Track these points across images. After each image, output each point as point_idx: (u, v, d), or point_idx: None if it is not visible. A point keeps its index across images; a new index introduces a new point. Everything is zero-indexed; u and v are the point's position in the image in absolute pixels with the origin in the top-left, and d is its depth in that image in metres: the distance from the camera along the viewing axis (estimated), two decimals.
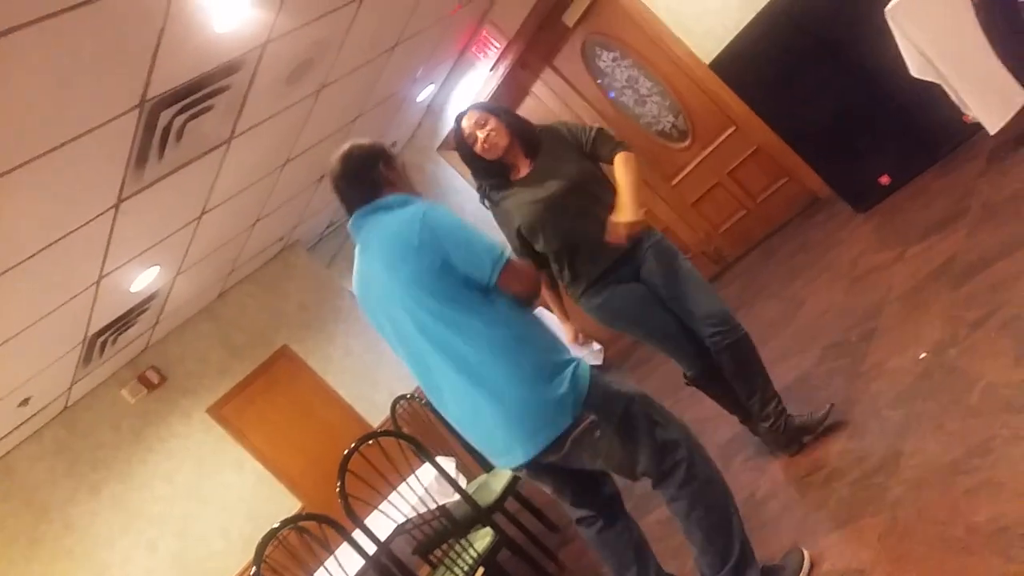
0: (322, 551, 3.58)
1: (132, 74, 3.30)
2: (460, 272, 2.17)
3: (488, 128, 2.96)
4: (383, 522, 3.81)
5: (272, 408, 7.36)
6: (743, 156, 6.01)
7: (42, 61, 2.83)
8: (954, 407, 2.40)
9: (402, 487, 3.80)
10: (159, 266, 5.41)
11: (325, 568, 3.65)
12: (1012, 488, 1.92)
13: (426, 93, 6.86)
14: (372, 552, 3.59)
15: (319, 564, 3.71)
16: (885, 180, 4.69)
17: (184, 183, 4.54)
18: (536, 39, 6.26)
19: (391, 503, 3.85)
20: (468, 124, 2.99)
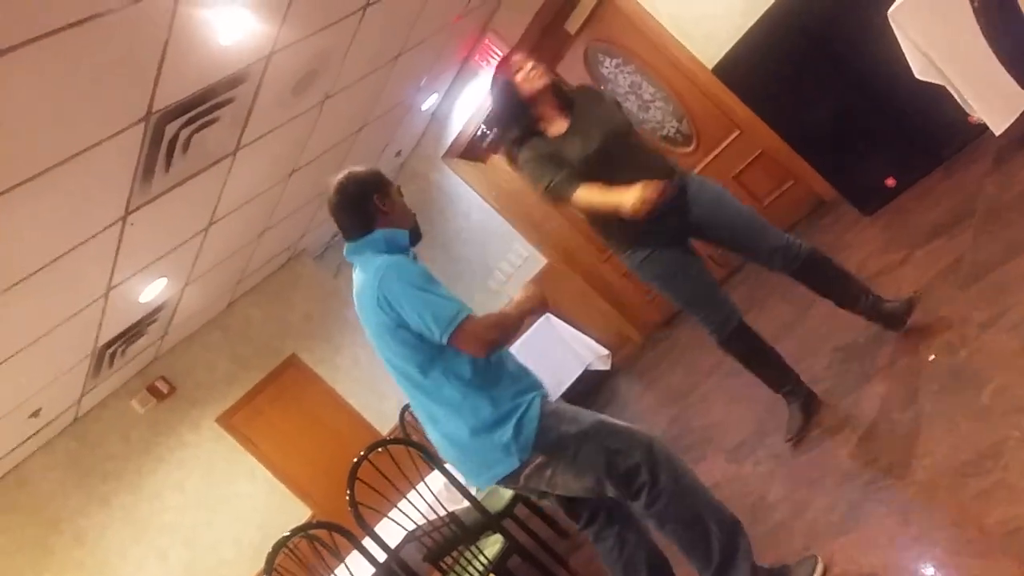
0: (333, 559, 3.59)
1: (137, 87, 3.32)
2: (414, 331, 2.32)
3: (534, 64, 3.12)
4: (393, 529, 3.82)
5: (281, 417, 7.37)
6: (748, 160, 6.00)
7: (47, 77, 2.84)
8: (964, 409, 2.40)
9: (412, 494, 3.80)
10: (167, 277, 5.43)
11: None
12: (1023, 490, 1.91)
13: (430, 102, 6.88)
14: (383, 559, 3.59)
15: (330, 572, 3.71)
16: (891, 182, 4.67)
17: (191, 195, 4.56)
18: (539, 47, 6.26)
19: (401, 510, 3.85)
20: (518, 56, 3.16)
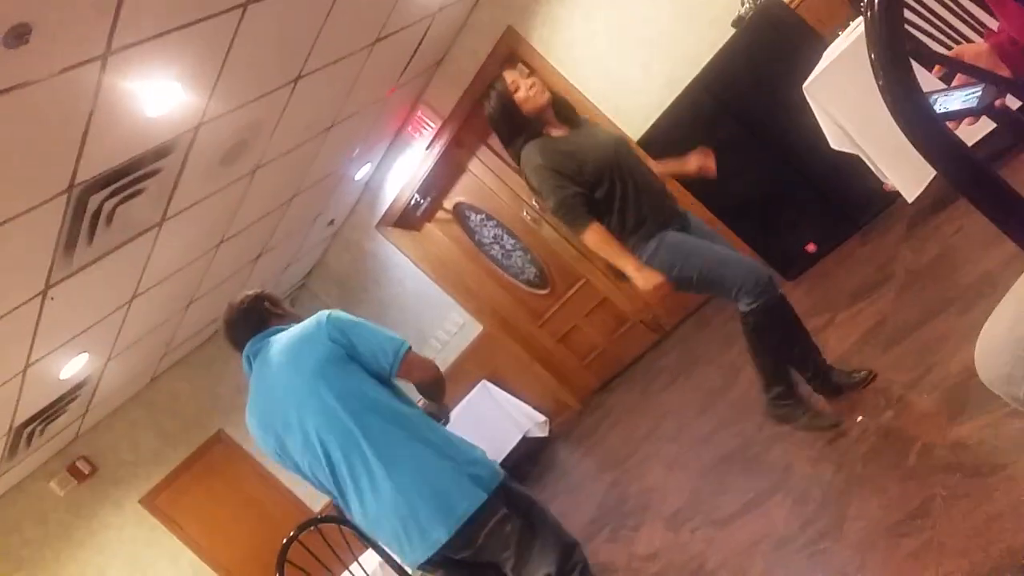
0: None
1: (59, 159, 3.25)
2: (364, 365, 2.29)
3: (534, 79, 3.09)
4: None
5: (208, 496, 7.12)
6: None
7: None
8: (893, 470, 2.44)
9: None
10: (89, 352, 5.25)
11: None
12: (954, 547, 1.94)
13: (363, 171, 6.89)
14: None
15: None
16: (811, 248, 4.83)
17: (114, 267, 4.44)
18: (471, 118, 6.35)
19: None
20: (510, 77, 3.09)
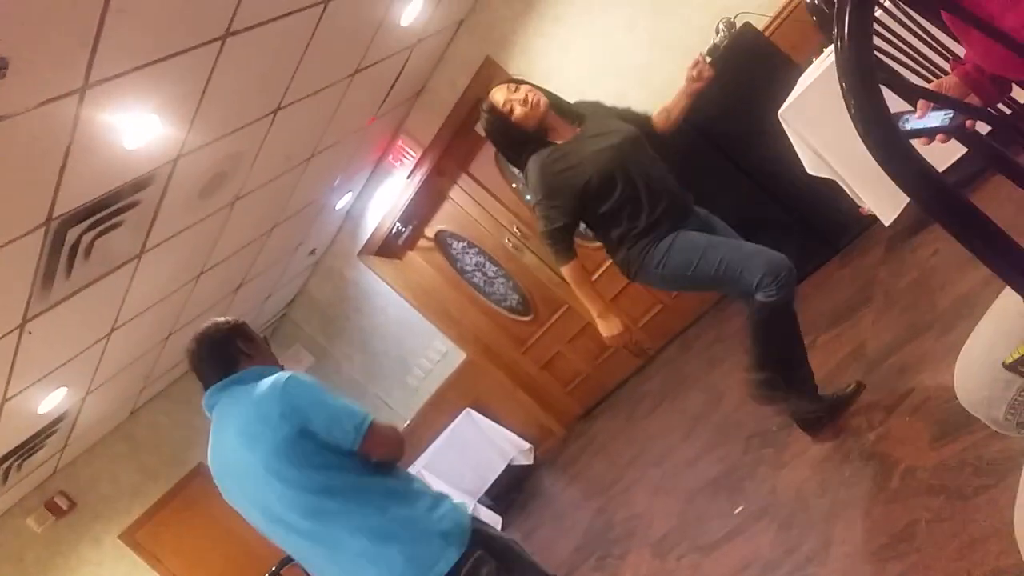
0: None
1: (38, 192, 3.22)
2: (321, 440, 2.16)
3: (524, 90, 2.89)
4: None
5: (188, 530, 7.00)
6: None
7: None
8: (877, 493, 2.45)
9: None
10: (67, 386, 5.18)
11: None
12: (939, 569, 1.94)
13: (344, 201, 6.89)
14: None
15: None
16: None
17: (93, 300, 4.40)
18: (451, 147, 6.39)
19: None
20: (500, 97, 2.89)
